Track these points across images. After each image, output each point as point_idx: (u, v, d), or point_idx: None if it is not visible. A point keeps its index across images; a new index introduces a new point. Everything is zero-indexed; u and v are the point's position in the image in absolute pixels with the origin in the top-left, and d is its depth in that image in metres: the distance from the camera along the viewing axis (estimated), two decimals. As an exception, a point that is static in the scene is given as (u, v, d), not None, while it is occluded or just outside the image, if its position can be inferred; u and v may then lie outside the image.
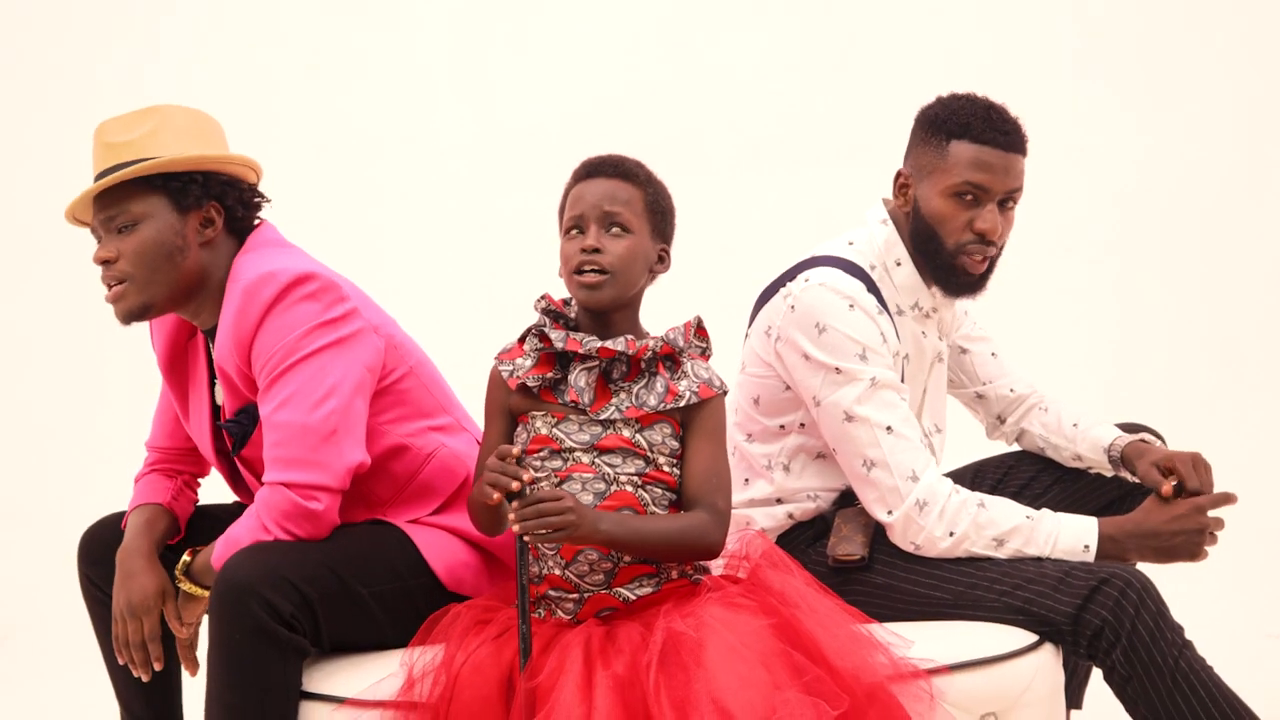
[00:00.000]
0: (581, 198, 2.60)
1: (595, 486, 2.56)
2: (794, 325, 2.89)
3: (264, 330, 2.70)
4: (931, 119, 2.93)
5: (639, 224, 2.60)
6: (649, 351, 2.60)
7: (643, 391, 2.59)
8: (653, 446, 2.59)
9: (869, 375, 2.82)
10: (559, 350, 2.59)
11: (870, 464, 2.81)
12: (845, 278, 2.90)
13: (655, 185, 2.65)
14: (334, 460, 2.67)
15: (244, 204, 2.84)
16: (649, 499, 2.58)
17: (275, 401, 2.68)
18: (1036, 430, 3.21)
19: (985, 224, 2.89)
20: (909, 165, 2.96)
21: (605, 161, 2.64)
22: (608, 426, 2.59)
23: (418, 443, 2.85)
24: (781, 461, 3.00)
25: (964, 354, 3.24)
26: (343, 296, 2.74)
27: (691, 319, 2.65)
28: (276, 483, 2.67)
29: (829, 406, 2.85)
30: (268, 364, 2.69)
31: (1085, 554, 2.77)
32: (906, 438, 2.81)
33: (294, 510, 2.66)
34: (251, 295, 2.70)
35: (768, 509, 3.01)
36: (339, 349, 2.70)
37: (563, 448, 2.58)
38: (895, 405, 2.84)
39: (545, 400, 2.61)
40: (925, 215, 2.93)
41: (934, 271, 2.95)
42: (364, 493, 2.82)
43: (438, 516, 2.86)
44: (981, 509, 2.79)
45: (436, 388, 2.93)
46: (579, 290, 2.59)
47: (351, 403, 2.70)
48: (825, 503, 3.00)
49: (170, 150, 2.76)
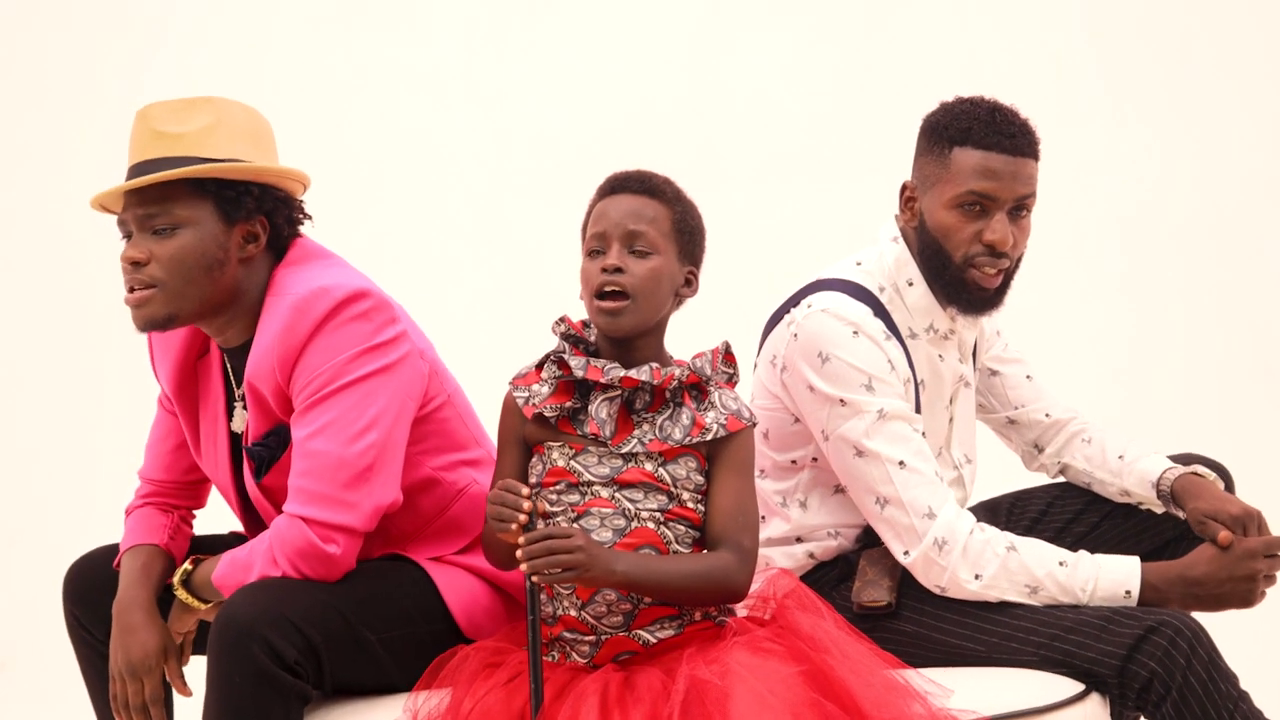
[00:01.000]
0: (605, 215, 2.51)
1: (615, 523, 2.46)
2: (797, 355, 2.79)
3: (311, 348, 2.56)
4: (933, 126, 2.81)
5: (665, 244, 2.50)
6: (674, 381, 2.50)
7: (667, 423, 2.50)
8: (676, 481, 2.49)
9: (876, 407, 2.71)
10: (579, 378, 2.49)
11: (884, 501, 2.71)
12: (849, 303, 2.79)
13: (684, 203, 2.55)
14: (363, 500, 2.55)
15: (290, 221, 2.70)
16: (671, 537, 2.48)
17: (312, 427, 2.55)
18: (1080, 464, 3.08)
19: (994, 234, 2.75)
20: (913, 177, 2.85)
21: (631, 177, 2.54)
22: (629, 460, 2.49)
23: (449, 477, 2.73)
24: (798, 498, 2.90)
25: (994, 376, 3.11)
26: (394, 318, 2.62)
27: (719, 344, 2.56)
28: (296, 516, 2.54)
29: (837, 441, 2.75)
30: (310, 384, 2.56)
31: (1127, 600, 2.66)
32: (920, 472, 2.70)
33: (308, 550, 2.53)
34: (303, 311, 2.56)
35: (786, 548, 2.91)
36: (386, 375, 2.58)
37: (581, 481, 2.48)
38: (907, 438, 2.73)
39: (563, 431, 2.51)
40: (930, 229, 2.81)
41: (944, 288, 2.83)
42: (386, 526, 2.69)
43: (462, 556, 2.74)
44: (1011, 554, 2.68)
45: (470, 418, 2.81)
46: (598, 316, 2.49)
47: (391, 436, 2.58)
48: (848, 539, 2.89)
49: (225, 151, 2.60)
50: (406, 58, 5.29)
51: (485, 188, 5.27)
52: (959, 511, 2.72)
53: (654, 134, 5.07)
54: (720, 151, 5.14)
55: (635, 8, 5.30)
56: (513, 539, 2.36)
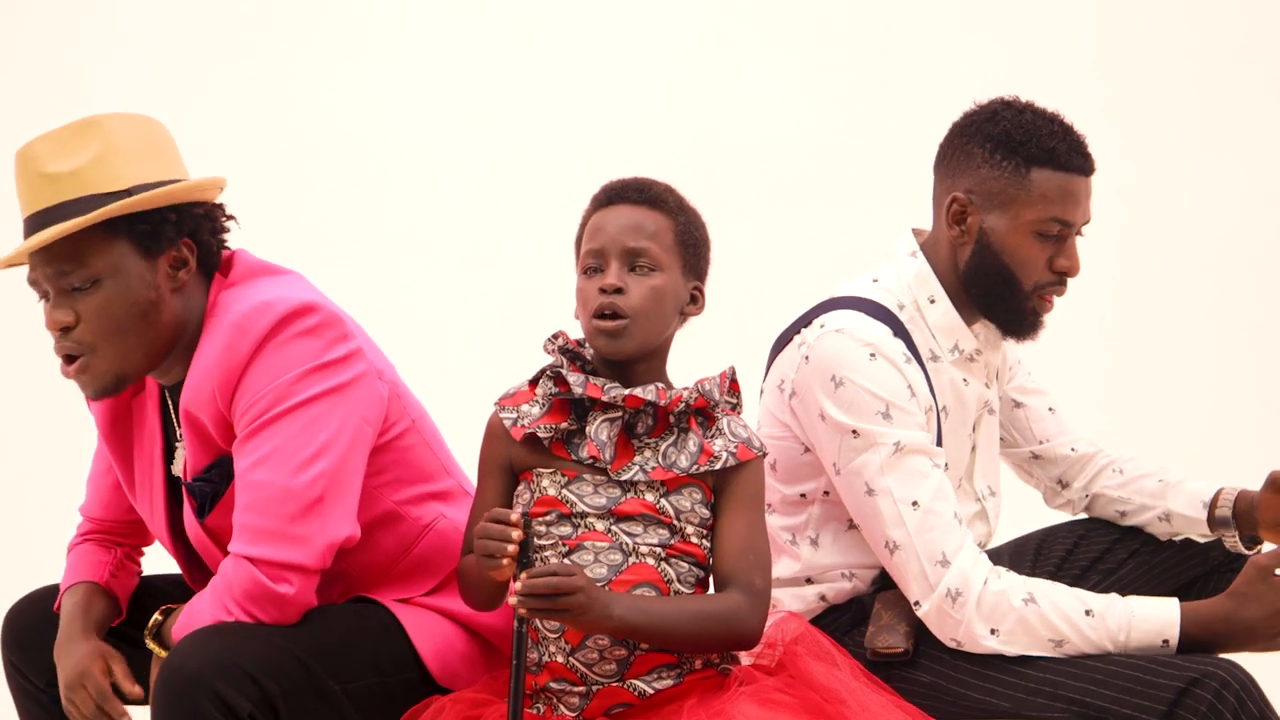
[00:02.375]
0: (602, 229, 2.33)
1: (610, 558, 2.28)
2: (809, 379, 2.61)
3: (254, 369, 2.36)
4: (1003, 138, 2.63)
5: (668, 259, 2.33)
6: (682, 404, 2.31)
7: (672, 450, 2.31)
8: (680, 514, 2.30)
9: (892, 439, 2.53)
10: (576, 396, 2.30)
11: (894, 546, 2.53)
12: (866, 321, 2.61)
13: (688, 213, 2.38)
14: (314, 535, 2.34)
15: (216, 233, 2.48)
16: (673, 575, 2.29)
17: (254, 456, 2.34)
18: (1112, 493, 2.93)
19: (1070, 262, 2.64)
20: (966, 187, 2.65)
21: (629, 186, 2.36)
22: (628, 489, 2.30)
23: (415, 511, 2.53)
24: (808, 535, 2.71)
25: (1018, 409, 2.95)
26: (346, 334, 2.42)
27: (726, 369, 2.38)
28: (242, 556, 2.34)
29: (849, 476, 2.57)
30: (251, 409, 2.35)
31: (1164, 649, 2.46)
32: (936, 514, 2.52)
33: (258, 592, 2.32)
34: (242, 329, 2.36)
35: (796, 590, 2.72)
36: (338, 397, 2.37)
37: (574, 512, 2.29)
38: (924, 475, 2.54)
39: (556, 456, 2.32)
40: (998, 250, 2.64)
41: (1000, 314, 2.67)
42: (347, 567, 2.49)
43: (433, 598, 2.54)
44: (1029, 606, 2.48)
45: (438, 446, 2.61)
46: (597, 338, 2.31)
47: (344, 464, 2.37)
48: (863, 581, 2.70)
49: (127, 179, 2.37)
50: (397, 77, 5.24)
51: (476, 211, 5.19)
52: (976, 558, 2.53)
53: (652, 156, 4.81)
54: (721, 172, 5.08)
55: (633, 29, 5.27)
56: (504, 575, 2.18)
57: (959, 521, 2.54)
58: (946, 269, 2.69)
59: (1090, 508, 2.99)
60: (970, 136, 2.66)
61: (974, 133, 2.66)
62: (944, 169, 2.69)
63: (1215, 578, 2.86)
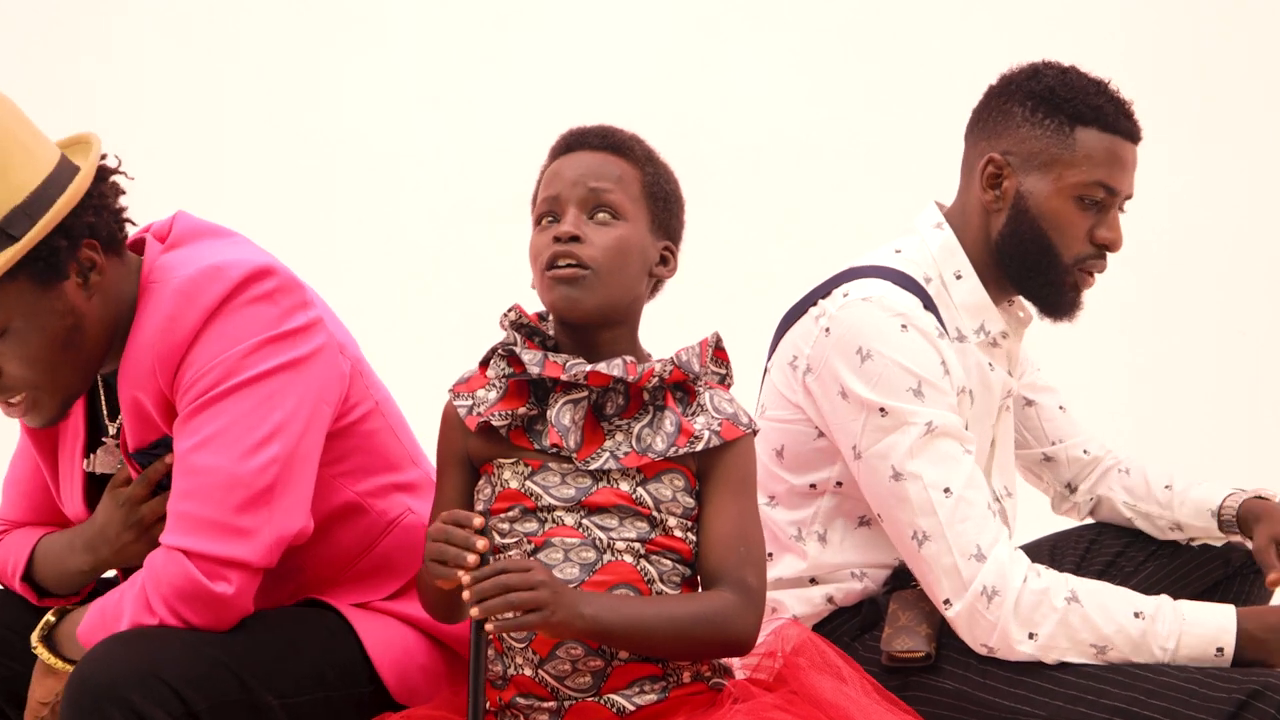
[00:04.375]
0: (559, 175, 2.13)
1: (582, 556, 2.06)
2: (830, 352, 2.42)
3: (203, 340, 2.14)
4: (1046, 95, 2.47)
5: (634, 210, 2.12)
6: (655, 378, 2.09)
7: (647, 431, 2.09)
8: (660, 504, 2.09)
9: (924, 418, 2.35)
10: (534, 377, 2.09)
11: (923, 537, 2.33)
12: (896, 291, 2.43)
13: (657, 165, 2.17)
14: (261, 528, 2.13)
15: (115, 214, 2.23)
16: (655, 574, 2.08)
17: (198, 437, 2.12)
18: (1119, 496, 2.80)
19: (1112, 233, 2.49)
20: (1004, 148, 2.49)
21: (591, 131, 2.16)
22: (600, 478, 2.09)
23: (378, 504, 2.32)
24: (815, 530, 2.52)
25: (1029, 406, 2.80)
26: (305, 301, 2.20)
27: (708, 336, 2.17)
28: (175, 548, 2.11)
29: (872, 460, 2.38)
30: (197, 384, 2.14)
31: (1218, 659, 2.27)
32: (971, 503, 2.33)
33: (191, 589, 2.10)
34: (190, 295, 2.14)
35: (800, 591, 2.53)
36: (294, 373, 2.16)
37: (539, 505, 2.08)
38: (957, 460, 2.35)
39: (516, 445, 2.11)
40: (1037, 216, 2.47)
41: (1037, 288, 2.52)
42: (300, 564, 2.28)
43: (394, 602, 2.33)
44: (1072, 606, 2.29)
45: (403, 431, 2.40)
46: (551, 292, 2.09)
47: (299, 449, 2.16)
48: (874, 582, 2.50)
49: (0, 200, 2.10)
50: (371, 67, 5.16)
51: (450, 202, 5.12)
52: (1013, 553, 2.34)
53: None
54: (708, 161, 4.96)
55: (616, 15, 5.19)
56: (453, 585, 1.96)
57: (993, 513, 2.35)
58: (976, 241, 2.52)
59: (1095, 511, 2.85)
60: (1009, 96, 2.50)
61: (1013, 91, 2.50)
62: (979, 131, 2.53)
63: (1238, 581, 2.74)
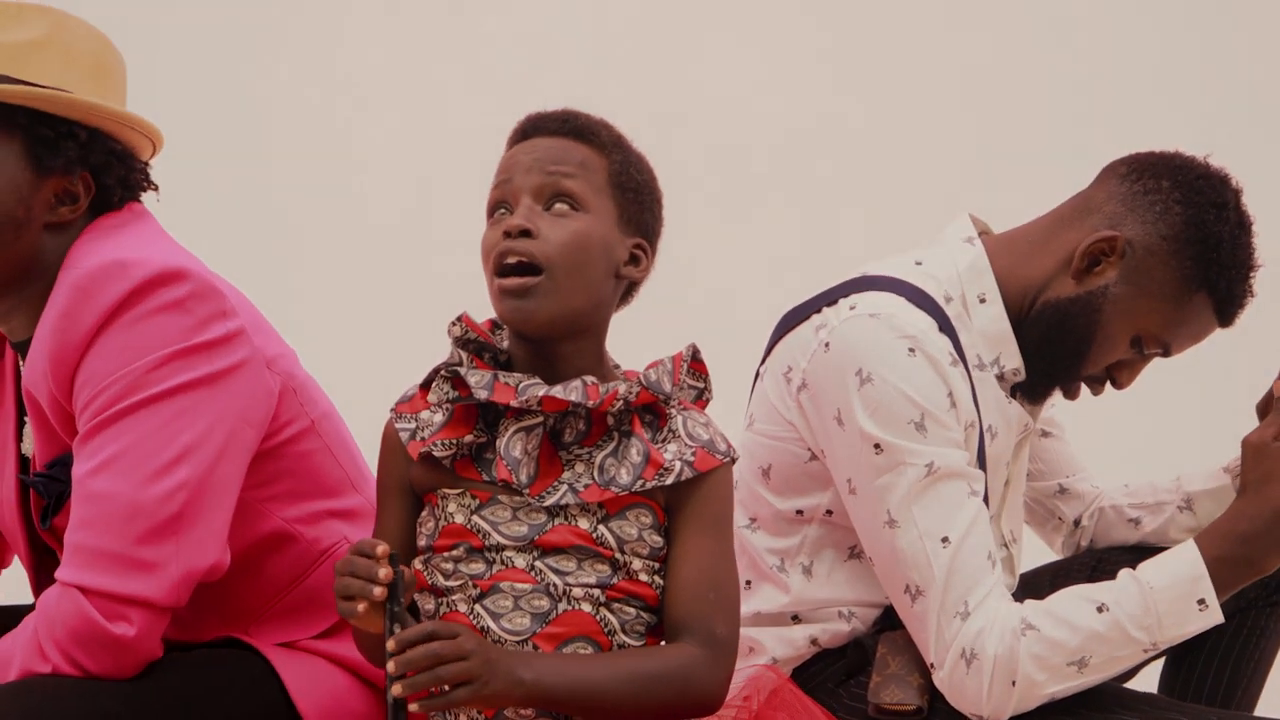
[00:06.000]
0: (514, 162, 1.93)
1: (534, 604, 1.86)
2: (828, 370, 2.23)
3: (98, 348, 1.99)
4: (1208, 240, 2.27)
5: (597, 201, 1.91)
6: (619, 401, 1.88)
7: (610, 461, 1.89)
8: (624, 544, 1.88)
9: (924, 458, 2.17)
10: (481, 401, 1.88)
11: (915, 592, 2.17)
12: (907, 309, 2.24)
13: (626, 152, 1.97)
14: (167, 562, 1.97)
15: (125, 184, 2.14)
16: (616, 624, 1.87)
17: (96, 460, 1.97)
18: (1122, 501, 2.61)
19: (1130, 381, 2.37)
20: (1134, 239, 2.29)
21: (550, 116, 1.96)
22: (556, 514, 1.88)
23: (309, 532, 2.16)
24: (800, 561, 2.33)
25: (1045, 438, 2.61)
26: (225, 310, 2.04)
27: (683, 349, 1.96)
28: (71, 585, 1.95)
29: (866, 498, 2.20)
30: (96, 399, 1.98)
31: (1204, 612, 2.13)
32: (969, 552, 2.16)
33: (87, 631, 1.93)
34: (85, 293, 1.99)
35: (780, 630, 2.34)
36: (208, 389, 2.01)
37: (487, 545, 1.87)
38: (959, 504, 2.17)
39: (462, 476, 1.91)
40: (1097, 319, 2.29)
41: (1035, 361, 2.34)
42: (221, 597, 2.11)
43: (326, 641, 2.15)
44: (1030, 633, 2.13)
45: (343, 453, 2.23)
46: (500, 302, 1.89)
47: (212, 473, 2.00)
48: (863, 622, 2.32)
49: (52, 77, 2.07)
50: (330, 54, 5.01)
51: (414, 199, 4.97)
52: (1003, 608, 2.17)
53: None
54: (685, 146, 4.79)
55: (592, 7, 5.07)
56: (368, 625, 1.78)
57: (992, 563, 2.18)
58: (1018, 277, 2.33)
59: (1098, 527, 2.67)
60: (1183, 203, 2.28)
61: (1188, 204, 2.28)
62: (1128, 195, 2.31)
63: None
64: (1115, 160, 2.36)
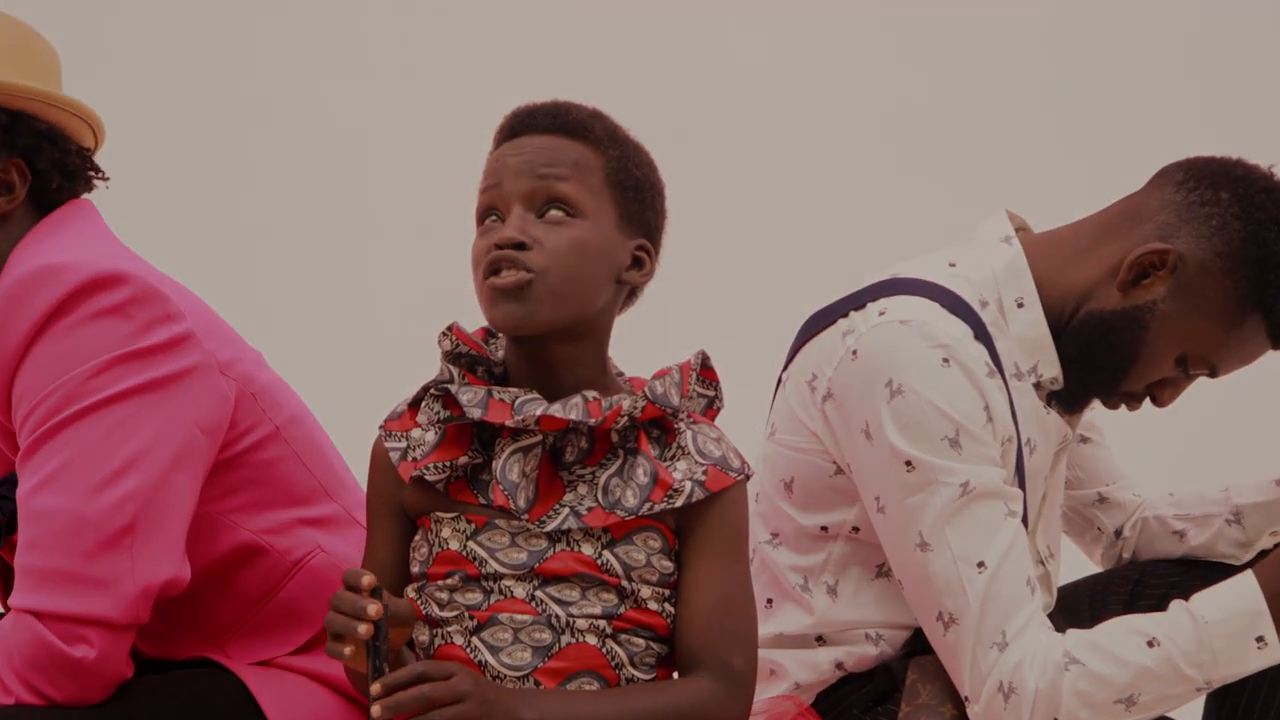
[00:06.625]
0: (502, 165, 1.84)
1: (535, 637, 1.77)
2: (855, 380, 2.15)
3: (33, 358, 1.93)
4: (1265, 263, 2.18)
5: (594, 204, 1.82)
6: (623, 417, 1.79)
7: (615, 482, 1.80)
8: (631, 571, 1.79)
9: (959, 477, 2.08)
10: (475, 420, 1.80)
11: (949, 620, 2.09)
12: (941, 315, 2.15)
13: (624, 145, 1.87)
14: (121, 577, 1.90)
15: (64, 171, 2.06)
16: (624, 657, 1.78)
17: (38, 476, 1.91)
18: (1167, 512, 2.52)
19: (1171, 400, 2.29)
20: (1187, 253, 2.19)
21: (539, 110, 1.87)
22: (557, 540, 1.78)
23: (280, 543, 2.09)
24: (825, 580, 2.25)
25: (1084, 444, 2.53)
26: (169, 314, 1.97)
27: (691, 357, 1.88)
28: (24, 610, 1.89)
29: (896, 519, 2.12)
30: (34, 414, 1.93)
31: (1264, 651, 2.05)
32: (1007, 578, 2.09)
33: (46, 657, 1.87)
34: (15, 300, 1.94)
35: (803, 653, 2.25)
36: (155, 395, 1.94)
37: (484, 573, 1.78)
38: (996, 526, 2.09)
39: (457, 499, 1.81)
40: (1143, 335, 2.21)
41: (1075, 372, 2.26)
42: (192, 612, 2.06)
43: (302, 657, 2.09)
44: (1075, 668, 2.05)
45: (315, 459, 2.16)
46: (493, 306, 1.79)
47: (165, 482, 1.93)
48: (892, 645, 2.24)
49: None
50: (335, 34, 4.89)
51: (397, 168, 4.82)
52: (1044, 637, 2.09)
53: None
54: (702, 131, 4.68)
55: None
56: (359, 665, 1.69)
57: (1031, 590, 2.10)
58: (1057, 279, 2.25)
59: (1141, 539, 2.59)
60: (1242, 218, 2.19)
61: (1248, 220, 2.19)
62: (1183, 205, 2.23)
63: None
64: (1171, 164, 2.26)
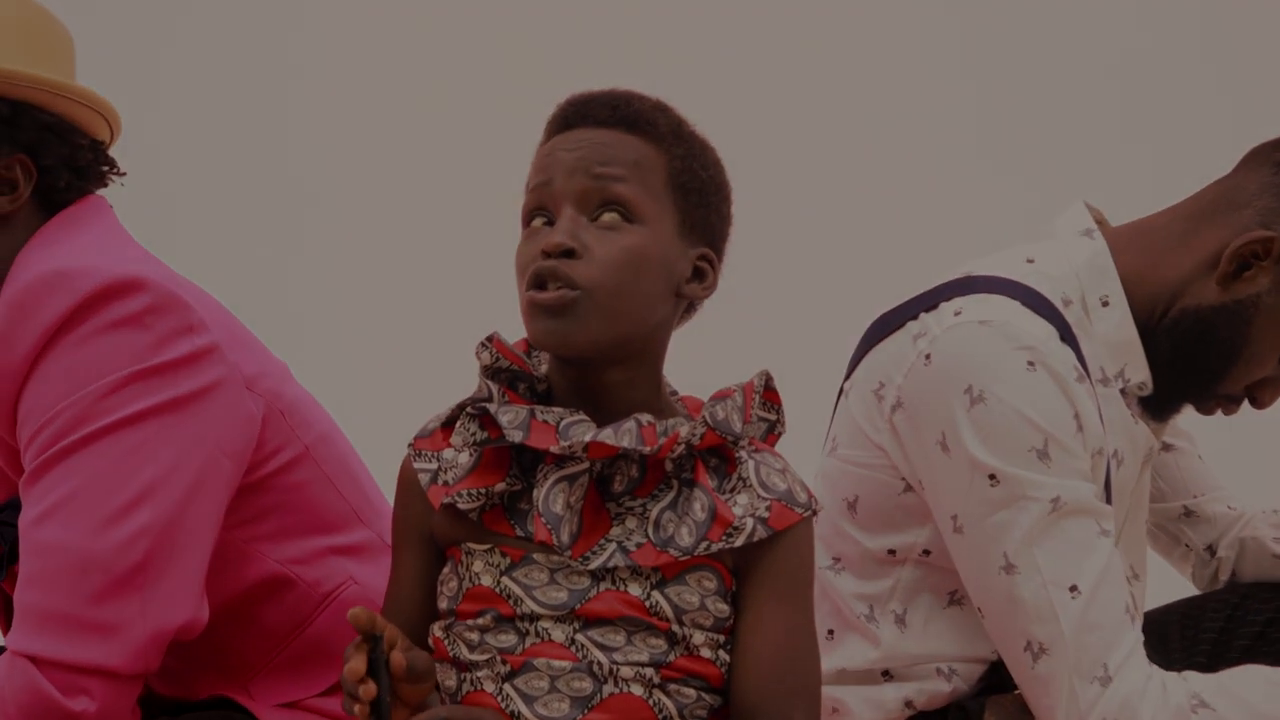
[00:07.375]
0: (553, 160, 1.70)
1: (574, 686, 1.64)
2: (930, 387, 2.04)
3: (40, 373, 1.83)
4: None
5: (654, 208, 1.68)
6: (680, 445, 1.65)
7: (669, 516, 1.66)
8: (683, 614, 1.65)
9: (1049, 492, 1.98)
10: (515, 444, 1.66)
11: (1039, 650, 1.99)
12: (1023, 314, 2.05)
13: (689, 143, 1.74)
14: (129, 622, 1.80)
15: (74, 167, 1.96)
16: (673, 709, 1.65)
17: (44, 504, 1.81)
18: (1267, 534, 2.43)
19: (1270, 404, 2.21)
20: None
21: (596, 101, 1.73)
22: (601, 578, 1.65)
23: (309, 574, 1.99)
24: (893, 609, 2.14)
25: (1166, 452, 2.42)
26: (191, 324, 1.86)
27: (753, 379, 1.75)
28: (21, 654, 1.78)
29: (977, 539, 2.01)
30: (40, 435, 1.83)
31: None
32: (1104, 605, 1.99)
33: (41, 709, 1.78)
34: (22, 310, 1.83)
35: (868, 689, 2.15)
36: (174, 416, 1.84)
37: (519, 613, 1.65)
38: (1089, 546, 1.99)
39: (492, 530, 1.68)
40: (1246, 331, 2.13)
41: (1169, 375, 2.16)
42: (213, 650, 1.95)
43: (333, 699, 1.98)
44: (1204, 713, 1.99)
45: (346, 481, 2.05)
46: (534, 322, 1.66)
47: (183, 515, 1.83)
48: (966, 681, 2.13)
49: None
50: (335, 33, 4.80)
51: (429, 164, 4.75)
52: (1144, 670, 1.99)
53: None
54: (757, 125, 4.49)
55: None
56: None
57: (1131, 618, 2.00)
58: (1145, 275, 2.15)
59: (1239, 561, 2.47)
60: None
61: None
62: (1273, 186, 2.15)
63: None
64: (1264, 144, 2.14)
